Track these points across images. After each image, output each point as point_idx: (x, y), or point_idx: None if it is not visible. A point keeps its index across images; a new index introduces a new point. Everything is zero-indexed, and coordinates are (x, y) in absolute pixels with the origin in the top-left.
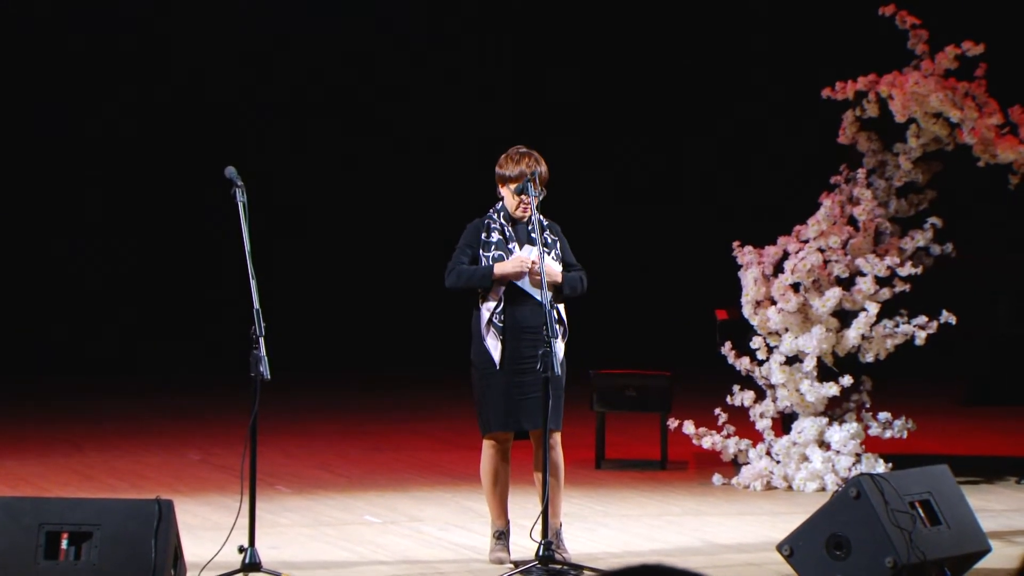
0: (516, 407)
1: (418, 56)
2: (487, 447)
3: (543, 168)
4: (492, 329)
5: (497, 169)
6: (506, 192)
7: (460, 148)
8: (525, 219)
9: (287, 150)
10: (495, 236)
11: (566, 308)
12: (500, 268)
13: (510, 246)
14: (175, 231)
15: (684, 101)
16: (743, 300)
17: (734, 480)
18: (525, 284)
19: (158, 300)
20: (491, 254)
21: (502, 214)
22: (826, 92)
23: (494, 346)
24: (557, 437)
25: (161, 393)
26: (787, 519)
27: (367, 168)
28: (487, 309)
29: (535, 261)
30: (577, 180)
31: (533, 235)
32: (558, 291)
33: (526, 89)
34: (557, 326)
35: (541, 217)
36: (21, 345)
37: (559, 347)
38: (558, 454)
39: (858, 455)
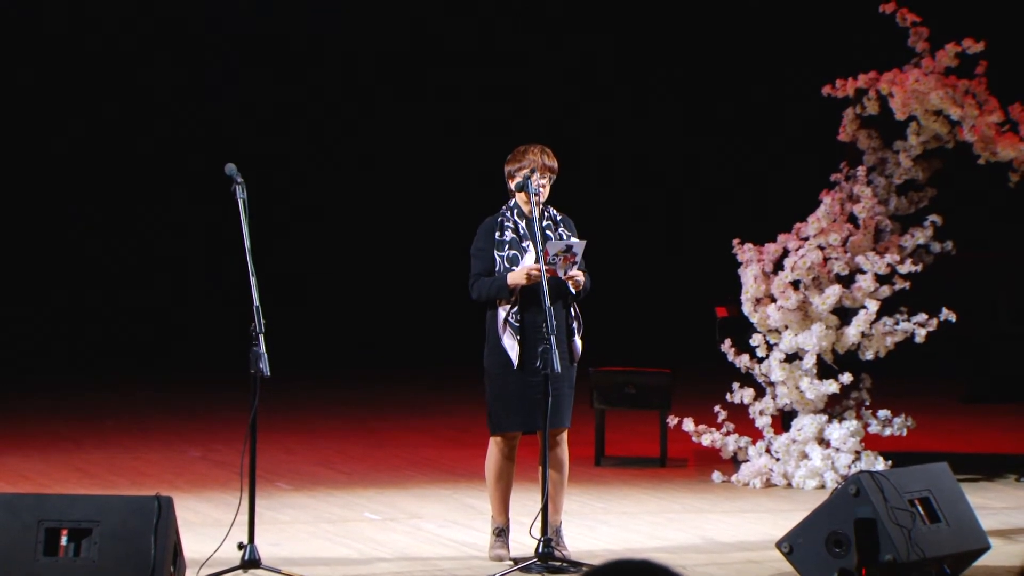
0: (532, 407)
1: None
2: (494, 444)
3: (552, 161)
4: (508, 328)
5: (506, 166)
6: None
7: (465, 148)
8: (537, 213)
9: (298, 147)
10: (508, 234)
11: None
12: (512, 279)
13: (524, 244)
14: (173, 227)
15: (683, 100)
16: (743, 297)
17: (734, 477)
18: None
19: (157, 298)
20: (505, 254)
21: (515, 211)
22: (827, 89)
23: (511, 346)
24: (564, 434)
25: (161, 390)
26: (787, 516)
27: (374, 166)
28: (503, 309)
29: (545, 264)
30: (575, 177)
31: (548, 232)
32: (577, 293)
33: (525, 87)
34: (574, 323)
35: (555, 212)
36: (20, 343)
37: (577, 343)
38: (564, 451)
39: (858, 453)
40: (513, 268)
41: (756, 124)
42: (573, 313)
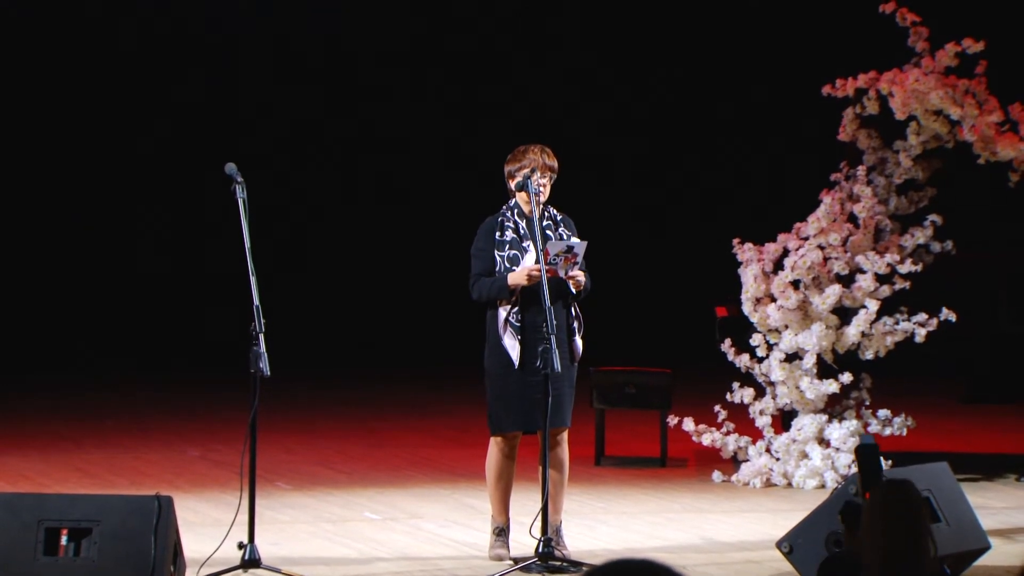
0: (532, 407)
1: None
2: (495, 444)
3: (552, 161)
4: (509, 328)
5: (506, 166)
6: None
7: (465, 148)
8: (538, 213)
9: (298, 147)
10: (509, 234)
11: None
12: (513, 279)
13: (524, 244)
14: (172, 226)
15: (683, 99)
16: (743, 297)
17: (734, 477)
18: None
19: (158, 296)
20: (505, 254)
21: (515, 211)
22: (827, 89)
23: (512, 346)
24: (565, 434)
25: (161, 390)
26: (787, 516)
27: (376, 166)
28: (504, 309)
29: (546, 264)
30: (575, 176)
31: (549, 232)
32: (578, 293)
33: (525, 87)
34: (575, 322)
35: (555, 211)
36: (21, 342)
37: (578, 342)
38: (564, 451)
39: None
40: (513, 268)
41: (756, 124)
42: (574, 313)
